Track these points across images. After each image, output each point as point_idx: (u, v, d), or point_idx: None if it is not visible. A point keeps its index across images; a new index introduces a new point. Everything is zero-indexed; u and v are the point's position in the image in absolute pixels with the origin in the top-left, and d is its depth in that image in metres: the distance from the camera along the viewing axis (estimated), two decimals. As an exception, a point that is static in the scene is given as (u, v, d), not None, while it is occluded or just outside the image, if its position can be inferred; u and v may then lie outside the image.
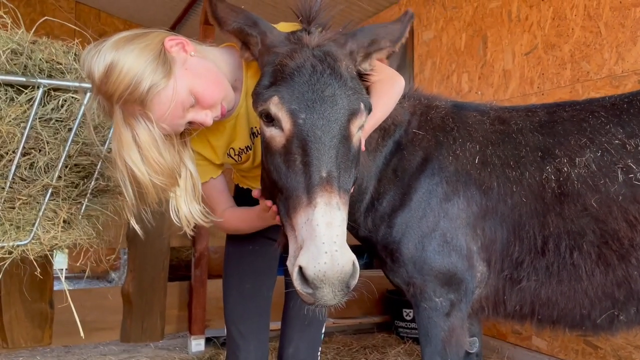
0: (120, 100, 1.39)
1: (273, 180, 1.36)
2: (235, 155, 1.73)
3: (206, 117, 1.51)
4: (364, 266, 5.17)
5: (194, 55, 1.51)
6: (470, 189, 1.74)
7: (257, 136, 1.70)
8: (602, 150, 1.63)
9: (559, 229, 1.63)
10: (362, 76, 1.51)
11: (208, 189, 1.73)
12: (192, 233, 1.69)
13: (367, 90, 1.72)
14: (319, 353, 1.90)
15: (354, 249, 1.23)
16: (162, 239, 4.21)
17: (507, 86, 4.17)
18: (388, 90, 1.70)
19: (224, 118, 1.60)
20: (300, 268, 1.15)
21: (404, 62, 5.32)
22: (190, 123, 1.52)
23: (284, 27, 1.56)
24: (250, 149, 1.73)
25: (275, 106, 1.31)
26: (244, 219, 1.74)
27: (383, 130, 1.83)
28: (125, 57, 1.38)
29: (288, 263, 1.25)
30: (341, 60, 1.38)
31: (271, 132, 1.35)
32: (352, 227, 1.91)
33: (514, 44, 4.09)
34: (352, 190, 1.42)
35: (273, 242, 1.44)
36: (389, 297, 4.72)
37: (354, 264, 1.18)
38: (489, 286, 1.77)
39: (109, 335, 4.22)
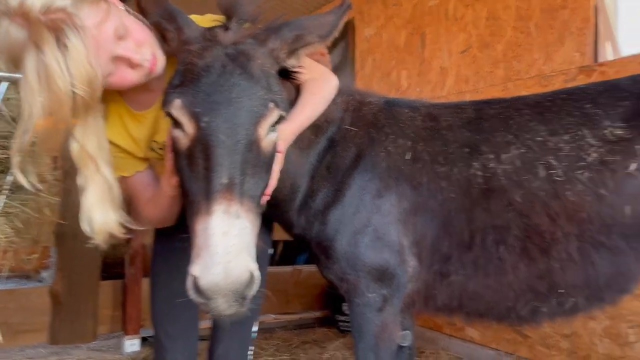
0: (45, 9, 1.24)
1: (181, 183, 1.33)
2: (159, 149, 1.67)
3: (135, 53, 1.41)
4: (306, 262, 5.17)
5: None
6: (402, 185, 1.76)
7: None
8: (526, 147, 1.68)
9: (485, 223, 1.67)
10: (289, 74, 1.48)
11: (133, 184, 1.66)
12: (105, 247, 1.56)
13: (297, 89, 1.70)
14: (250, 352, 1.87)
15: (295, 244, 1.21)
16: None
17: (444, 83, 4.26)
18: (319, 89, 1.68)
19: (152, 74, 1.49)
20: (195, 277, 1.13)
21: (345, 58, 5.35)
22: (115, 61, 1.40)
23: (206, 21, 1.50)
24: None
25: (176, 110, 1.27)
26: (159, 203, 1.64)
27: (316, 128, 1.81)
28: None
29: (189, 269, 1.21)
30: (256, 59, 1.34)
31: (176, 134, 1.30)
32: (287, 226, 1.90)
33: (451, 42, 4.18)
34: (266, 195, 1.40)
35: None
36: (329, 292, 4.75)
37: (252, 274, 1.16)
38: (420, 281, 1.79)
39: (36, 338, 4.01)
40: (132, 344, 3.95)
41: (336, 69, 5.58)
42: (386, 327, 1.77)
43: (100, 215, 1.48)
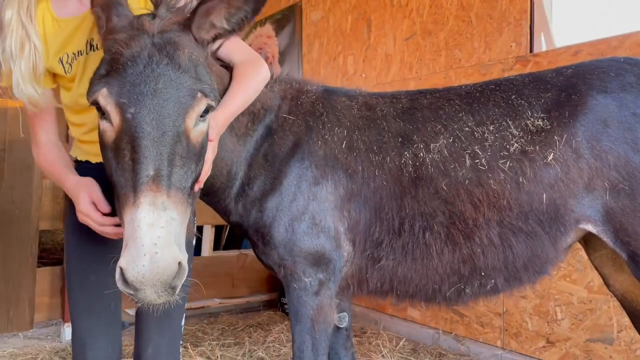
0: None
1: (108, 174, 1.32)
2: (66, 62, 1.61)
3: None
4: (254, 245, 5.17)
5: None
6: (338, 172, 1.80)
7: (94, 50, 1.60)
8: (453, 137, 1.75)
9: (414, 210, 1.74)
10: (218, 57, 1.48)
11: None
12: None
13: (231, 73, 1.68)
14: (180, 346, 1.82)
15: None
16: (29, 221, 3.91)
17: (388, 70, 4.32)
18: (250, 76, 1.68)
19: None
20: (122, 269, 1.14)
21: (293, 41, 5.32)
22: None
23: (137, 7, 1.47)
24: (82, 55, 1.61)
25: (104, 99, 1.27)
26: (55, 176, 1.63)
27: (252, 115, 1.82)
28: None
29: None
30: (183, 47, 1.33)
31: (103, 125, 1.30)
32: (224, 213, 1.91)
33: (395, 29, 4.24)
34: (199, 183, 1.41)
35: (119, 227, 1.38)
36: (275, 275, 4.78)
37: (180, 264, 1.17)
38: (354, 265, 1.85)
39: (-30, 327, 3.87)
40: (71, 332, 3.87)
41: (283, 53, 5.57)
42: (322, 309, 1.82)
43: (26, 86, 1.52)
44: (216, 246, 4.99)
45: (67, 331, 3.87)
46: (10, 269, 3.85)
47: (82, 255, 1.71)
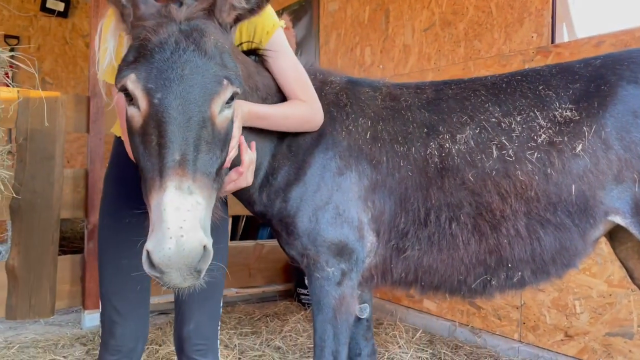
0: None
1: (136, 160, 1.34)
2: None
3: None
4: (270, 236, 5.21)
5: None
6: (362, 163, 1.80)
7: None
8: (480, 128, 1.74)
9: (440, 201, 1.73)
10: (256, 52, 1.49)
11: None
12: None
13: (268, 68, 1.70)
14: (219, 326, 1.88)
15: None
16: (50, 210, 3.96)
17: (406, 61, 4.30)
18: (301, 113, 1.73)
19: None
20: (148, 252, 1.15)
21: (310, 32, 5.31)
22: None
23: None
24: None
25: (132, 84, 1.28)
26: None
27: None
28: None
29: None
30: (209, 34, 1.34)
31: (131, 111, 1.31)
32: (248, 203, 1.92)
33: (414, 19, 4.21)
34: (226, 167, 1.42)
35: None
36: (291, 266, 4.80)
37: (205, 248, 1.18)
38: (378, 255, 1.85)
39: (-7, 313, 3.94)
40: (91, 318, 3.92)
41: (300, 44, 5.55)
42: (344, 300, 1.82)
43: None
44: (233, 236, 5.03)
45: (87, 318, 3.93)
46: (32, 257, 3.91)
47: (114, 239, 1.75)
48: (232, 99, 1.36)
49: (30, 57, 2.77)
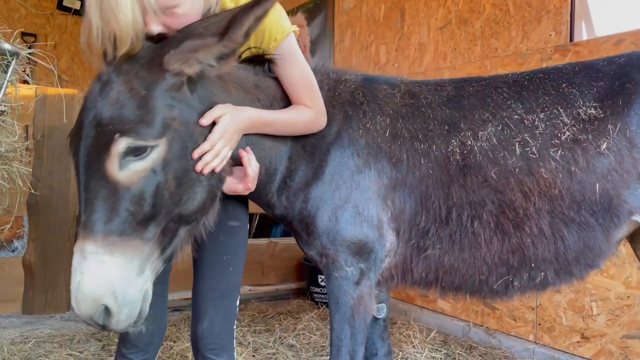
0: None
1: None
2: None
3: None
4: (283, 234, 5.21)
5: None
6: (381, 161, 1.78)
7: None
8: (502, 125, 1.72)
9: (462, 199, 1.71)
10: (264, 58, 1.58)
11: None
12: None
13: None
14: (234, 326, 1.87)
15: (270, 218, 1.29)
16: (67, 207, 3.99)
17: (422, 59, 4.28)
18: (304, 120, 1.71)
19: None
20: None
21: (324, 31, 5.30)
22: None
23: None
24: None
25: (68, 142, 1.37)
26: None
27: None
28: None
29: None
30: (119, 84, 1.32)
31: None
32: (268, 207, 1.90)
33: (430, 17, 4.19)
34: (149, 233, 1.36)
35: None
36: (305, 264, 4.81)
37: (105, 307, 1.26)
38: (398, 255, 1.83)
39: (10, 308, 3.98)
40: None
41: (314, 42, 5.55)
42: (362, 299, 1.81)
43: None
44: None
45: (102, 314, 3.95)
46: (48, 253, 3.95)
47: None
48: (143, 149, 1.31)
49: (48, 54, 2.79)
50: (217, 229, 1.64)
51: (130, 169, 1.30)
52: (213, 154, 1.44)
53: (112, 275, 1.25)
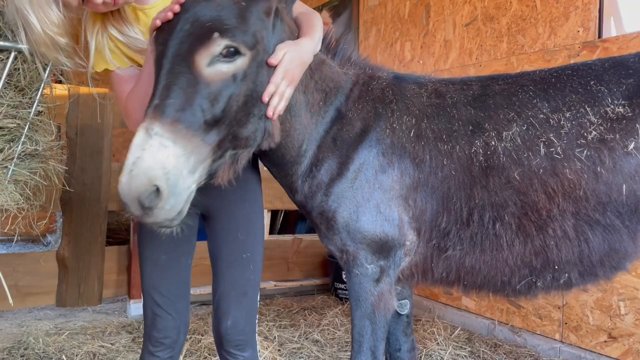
0: None
1: None
2: None
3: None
4: (308, 230, 5.25)
5: None
6: (405, 161, 1.78)
7: None
8: (527, 125, 1.69)
9: (484, 200, 1.70)
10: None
11: (116, 78, 1.76)
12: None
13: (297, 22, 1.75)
14: (256, 321, 1.90)
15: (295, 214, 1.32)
16: (99, 202, 4.11)
17: (447, 56, 4.25)
18: (316, 22, 1.74)
19: (116, 5, 1.59)
20: None
21: (349, 28, 5.31)
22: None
23: None
24: None
25: (152, 32, 1.44)
26: (138, 87, 1.67)
27: (325, 94, 1.82)
28: None
29: None
30: None
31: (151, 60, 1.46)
32: (290, 189, 1.93)
33: (455, 14, 4.16)
34: (209, 131, 1.41)
35: (190, 208, 1.42)
36: (329, 260, 4.84)
37: (156, 187, 1.25)
38: (418, 254, 1.84)
39: (44, 300, 4.14)
40: (137, 308, 4.05)
41: (339, 39, 5.55)
42: (382, 296, 1.82)
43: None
44: (271, 230, 5.10)
45: (132, 307, 4.06)
46: (81, 247, 4.08)
47: (153, 236, 1.77)
48: (233, 53, 1.39)
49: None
50: (234, 223, 1.78)
51: (217, 68, 1.38)
52: (278, 97, 1.53)
53: (170, 162, 1.27)
